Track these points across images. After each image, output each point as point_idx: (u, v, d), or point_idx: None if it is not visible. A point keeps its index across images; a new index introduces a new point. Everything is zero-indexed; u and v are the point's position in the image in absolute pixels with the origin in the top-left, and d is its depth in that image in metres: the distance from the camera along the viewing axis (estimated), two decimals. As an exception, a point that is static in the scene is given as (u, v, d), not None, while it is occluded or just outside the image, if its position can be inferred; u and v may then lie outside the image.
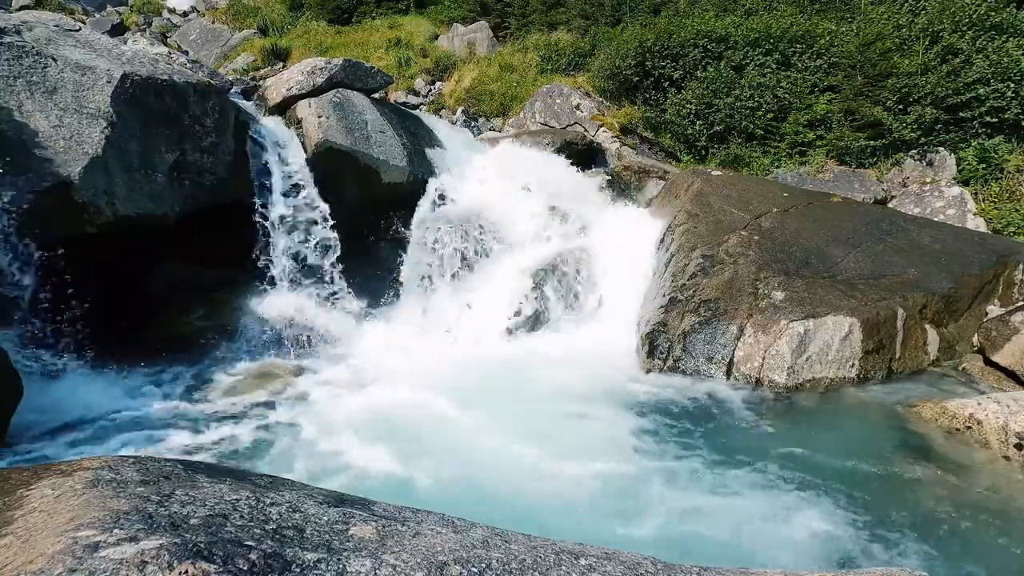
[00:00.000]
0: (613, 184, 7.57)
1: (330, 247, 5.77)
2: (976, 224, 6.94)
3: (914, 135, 7.58)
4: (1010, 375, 4.97)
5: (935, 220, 6.83)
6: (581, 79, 9.83)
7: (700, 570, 1.80)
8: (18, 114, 4.20)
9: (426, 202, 6.61)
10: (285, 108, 6.13)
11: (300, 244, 5.69)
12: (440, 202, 6.69)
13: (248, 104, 6.16)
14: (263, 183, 5.57)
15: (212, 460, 3.70)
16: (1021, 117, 7.48)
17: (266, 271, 5.59)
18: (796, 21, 8.84)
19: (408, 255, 6.27)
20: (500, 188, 6.95)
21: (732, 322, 5.09)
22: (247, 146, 5.57)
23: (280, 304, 5.56)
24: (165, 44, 12.46)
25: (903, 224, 6.22)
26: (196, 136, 5.14)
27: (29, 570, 1.29)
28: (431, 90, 11.23)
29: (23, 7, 12.41)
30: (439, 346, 5.69)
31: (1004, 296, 5.67)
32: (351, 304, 5.91)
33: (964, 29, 8.01)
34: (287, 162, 5.70)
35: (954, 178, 7.54)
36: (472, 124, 9.45)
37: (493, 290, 6.07)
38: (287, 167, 5.68)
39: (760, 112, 8.13)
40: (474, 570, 1.54)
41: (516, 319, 5.95)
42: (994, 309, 5.59)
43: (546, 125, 9.02)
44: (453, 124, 8.70)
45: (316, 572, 1.42)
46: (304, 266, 5.71)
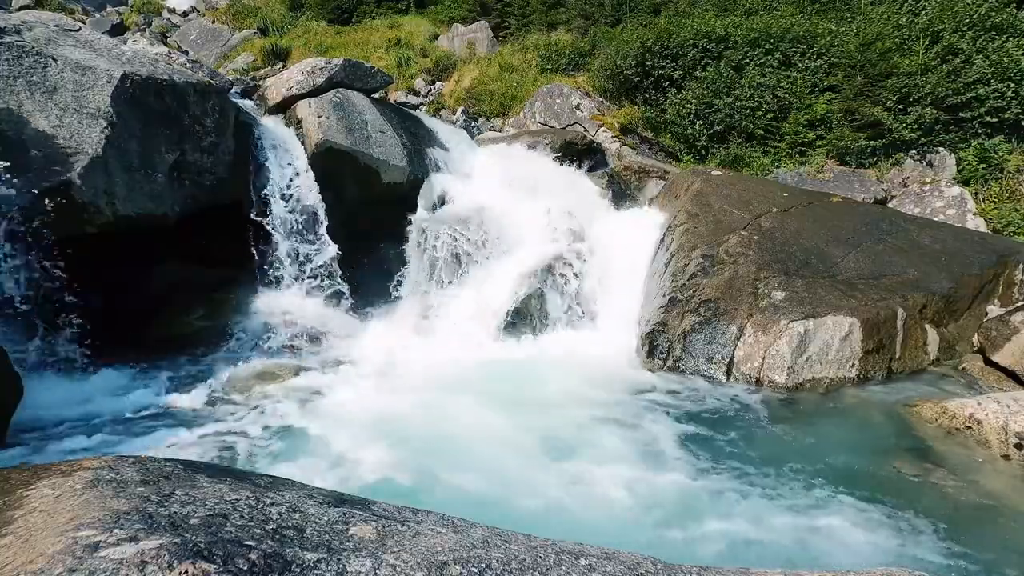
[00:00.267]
0: (613, 184, 7.57)
1: (330, 247, 5.77)
2: (976, 224, 6.94)
3: (914, 135, 7.58)
4: (1010, 375, 4.97)
5: (935, 220, 6.83)
6: (581, 79, 9.83)
7: (700, 570, 1.80)
8: (18, 114, 4.20)
9: (426, 202, 6.62)
10: (285, 108, 6.13)
11: (300, 244, 5.69)
12: (440, 202, 6.70)
13: (248, 104, 6.17)
14: (263, 183, 5.57)
15: (212, 460, 3.70)
16: (1021, 117, 7.48)
17: (266, 271, 5.59)
18: (796, 21, 8.84)
19: (408, 255, 6.27)
20: (500, 188, 6.96)
21: (732, 322, 5.09)
22: (247, 146, 5.57)
23: (280, 304, 5.56)
24: (165, 44, 12.46)
25: (903, 224, 6.22)
26: (196, 136, 5.14)
27: (29, 570, 1.29)
28: (431, 90, 11.23)
29: (23, 7, 12.41)
30: (438, 346, 5.68)
31: (1004, 296, 5.67)
32: (351, 304, 5.91)
33: (964, 29, 8.01)
34: (287, 162, 5.70)
35: (954, 178, 7.54)
36: (472, 124, 9.44)
37: (493, 290, 6.07)
38: (287, 167, 5.69)
39: (760, 112, 8.13)
40: (474, 570, 1.54)
41: (516, 319, 5.95)
42: (994, 309, 5.59)
43: (546, 125, 9.02)
44: (453, 124, 8.70)
45: (316, 572, 1.42)
46: (304, 266, 5.71)
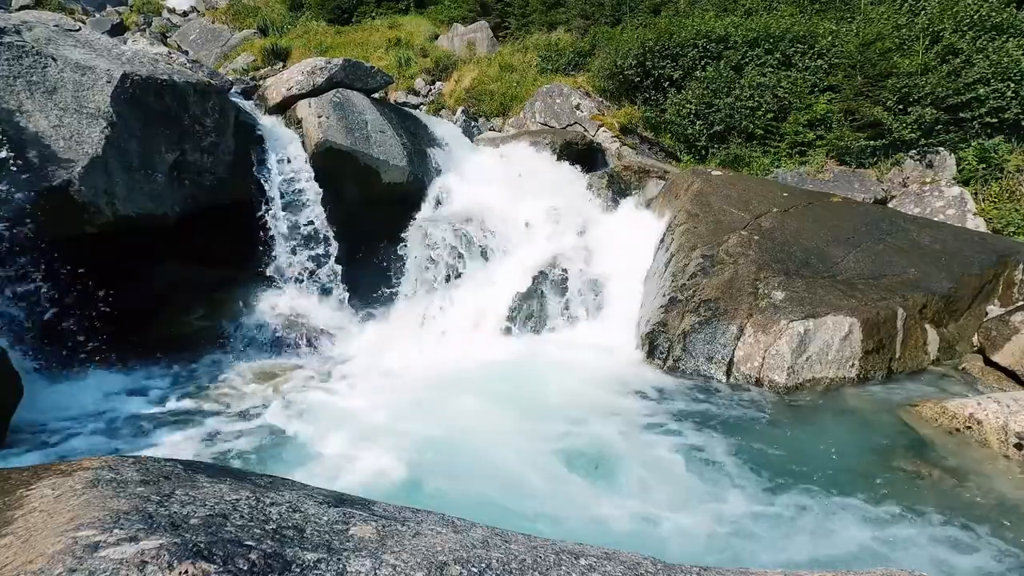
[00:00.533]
0: (613, 184, 7.57)
1: (330, 247, 5.77)
2: (976, 224, 6.93)
3: (914, 135, 7.58)
4: (1010, 375, 4.97)
5: (935, 220, 6.83)
6: (581, 79, 9.83)
7: (700, 570, 1.80)
8: (18, 114, 4.20)
9: (426, 202, 6.63)
10: (285, 108, 6.13)
11: (300, 244, 5.69)
12: (440, 202, 6.70)
13: (248, 104, 6.16)
14: (263, 183, 5.57)
15: (212, 460, 3.70)
16: (1021, 117, 7.48)
17: (266, 271, 5.60)
18: (796, 21, 8.84)
19: (408, 255, 6.27)
20: (500, 188, 6.96)
21: (732, 322, 5.09)
22: (247, 146, 5.57)
23: (280, 304, 5.56)
24: (165, 44, 12.46)
25: (903, 224, 6.22)
26: (196, 136, 5.14)
27: (29, 570, 1.29)
28: (431, 90, 11.23)
29: (23, 7, 12.41)
30: (438, 346, 5.69)
31: (1004, 296, 5.67)
32: (350, 304, 5.91)
33: (964, 29, 8.01)
34: (287, 162, 5.70)
35: (954, 178, 7.54)
36: (472, 124, 9.44)
37: (493, 290, 6.07)
38: (287, 167, 5.69)
39: (760, 112, 8.13)
40: (474, 570, 1.54)
41: (516, 319, 5.95)
42: (994, 309, 5.59)
43: (546, 125, 9.02)
44: (453, 124, 8.70)
45: (316, 572, 1.42)
46: (304, 266, 5.71)
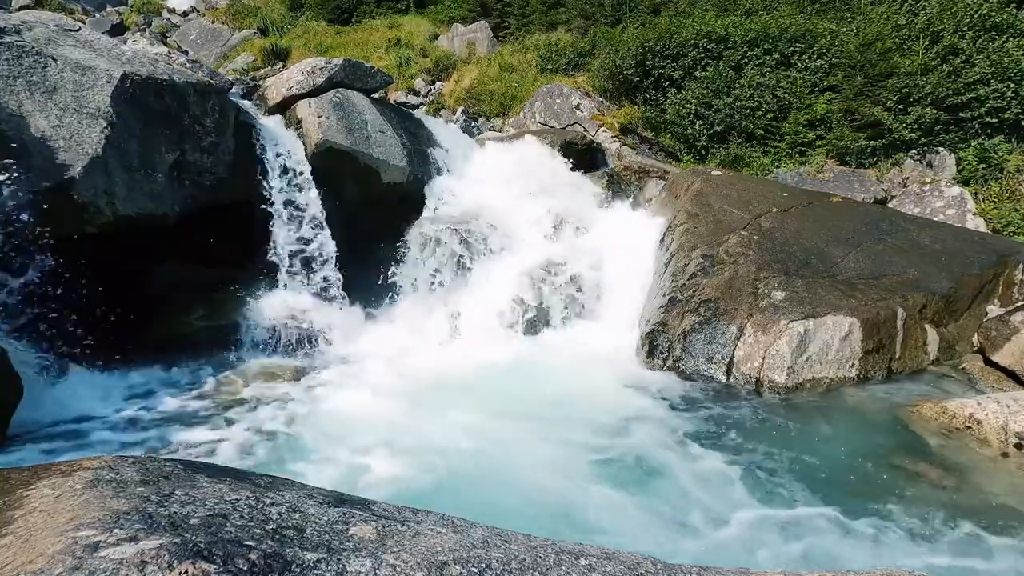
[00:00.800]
0: (613, 184, 7.57)
1: (330, 247, 5.77)
2: (976, 224, 6.93)
3: (914, 135, 7.58)
4: (1010, 375, 4.97)
5: (935, 220, 6.83)
6: (581, 79, 9.83)
7: (700, 570, 1.80)
8: (18, 114, 4.20)
9: (426, 202, 6.62)
10: (285, 108, 6.13)
11: (300, 244, 5.69)
12: (440, 202, 6.70)
13: (248, 104, 6.16)
14: (263, 183, 5.57)
15: (212, 460, 3.70)
16: (1021, 117, 7.48)
17: (266, 271, 5.59)
18: (795, 21, 8.84)
19: (408, 255, 6.27)
20: (500, 188, 6.96)
21: (732, 322, 5.09)
22: (247, 146, 5.57)
23: (280, 304, 5.56)
24: (165, 44, 12.47)
25: (903, 224, 6.22)
26: (196, 136, 5.14)
27: (29, 570, 1.29)
28: (431, 90, 11.24)
29: (23, 7, 12.42)
30: (438, 347, 5.69)
31: (1004, 296, 5.67)
32: (351, 304, 5.90)
33: (964, 29, 8.01)
34: (287, 162, 5.70)
35: (954, 178, 7.54)
36: (472, 124, 9.45)
37: (493, 291, 6.07)
38: (287, 167, 5.69)
39: (760, 112, 8.13)
40: (474, 570, 1.54)
41: (516, 320, 5.95)
42: (994, 309, 5.59)
43: (546, 125, 9.02)
44: (453, 124, 8.70)
45: (316, 572, 1.42)
46: (304, 266, 5.71)
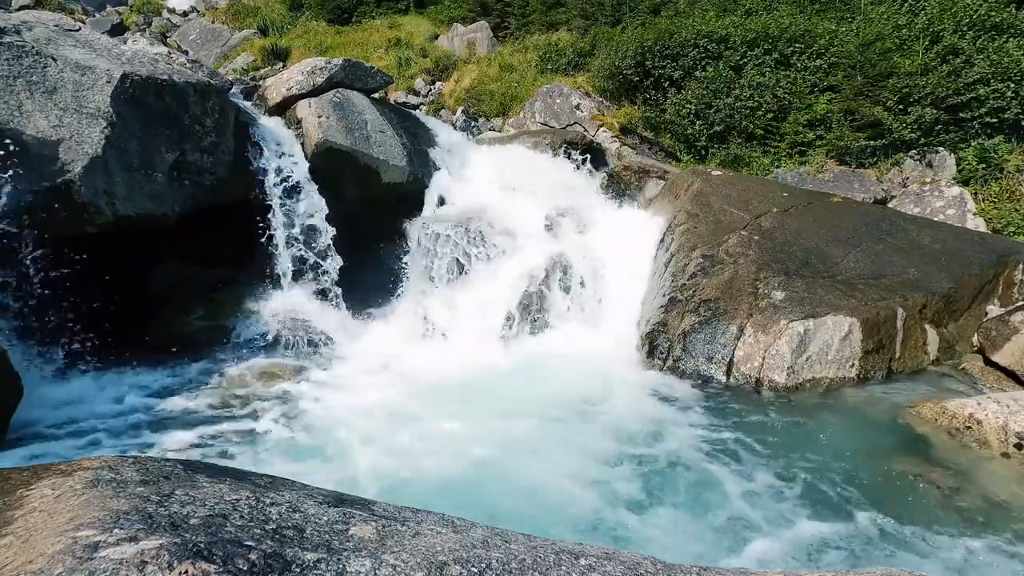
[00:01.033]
0: (613, 184, 7.57)
1: (330, 247, 5.77)
2: (976, 224, 6.93)
3: (914, 135, 7.58)
4: (1010, 375, 4.97)
5: (935, 220, 6.83)
6: (581, 79, 9.83)
7: (700, 570, 1.80)
8: (18, 114, 4.20)
9: (426, 202, 6.62)
10: (285, 108, 6.13)
11: (300, 244, 5.69)
12: (440, 202, 6.70)
13: (248, 104, 6.16)
14: (263, 183, 5.57)
15: (212, 460, 3.70)
16: (1021, 117, 7.48)
17: (266, 271, 5.59)
18: (795, 21, 8.84)
19: (408, 256, 6.27)
20: (500, 188, 6.95)
21: (732, 322, 5.09)
22: (247, 146, 5.57)
23: (280, 304, 5.56)
24: (165, 44, 12.47)
25: (903, 224, 6.22)
26: (196, 136, 5.14)
27: (29, 570, 1.29)
28: (431, 90, 11.23)
29: (23, 7, 12.42)
30: (439, 347, 5.69)
31: (1004, 296, 5.67)
32: (351, 304, 5.90)
33: (964, 29, 8.01)
34: (287, 162, 5.70)
35: (954, 178, 7.54)
36: (472, 124, 9.44)
37: (493, 291, 6.06)
38: (287, 167, 5.68)
39: (760, 112, 8.12)
40: (474, 570, 1.54)
41: (516, 320, 5.95)
42: (994, 309, 5.59)
43: (546, 125, 9.02)
44: (453, 124, 8.70)
45: (316, 572, 1.42)
46: (304, 266, 5.71)
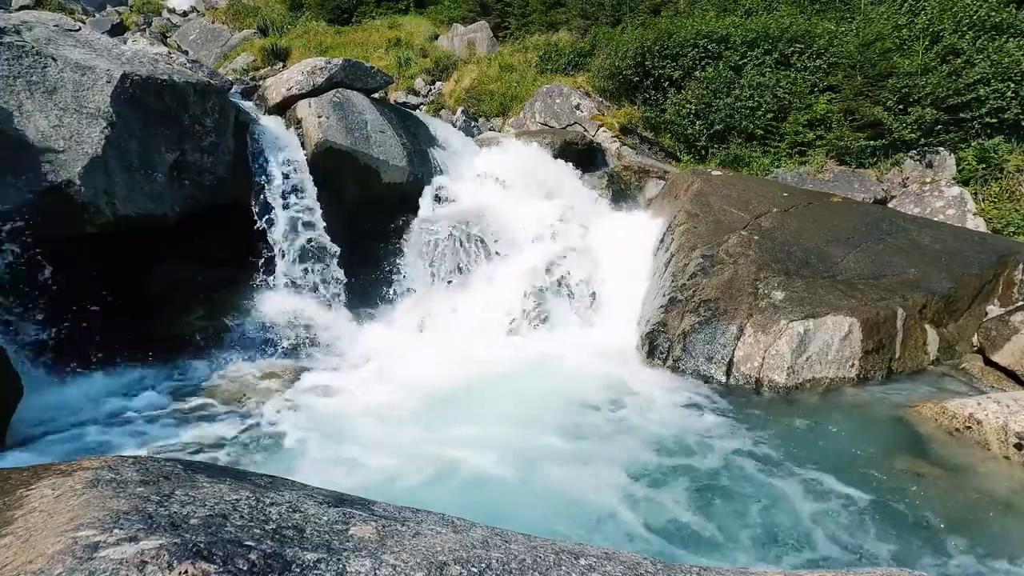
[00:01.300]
0: (613, 184, 7.57)
1: (330, 247, 5.77)
2: (976, 224, 6.94)
3: (914, 135, 7.58)
4: (1010, 375, 4.97)
5: (935, 220, 6.83)
6: (581, 79, 9.83)
7: (700, 570, 1.80)
8: (18, 114, 4.20)
9: (426, 202, 6.62)
10: (285, 108, 6.13)
11: (300, 244, 5.69)
12: (440, 202, 6.70)
13: (248, 104, 6.16)
14: (263, 183, 5.57)
15: (212, 460, 3.70)
16: (1021, 117, 7.48)
17: (266, 272, 5.59)
18: (795, 21, 8.84)
19: (408, 256, 6.27)
20: (500, 188, 6.96)
21: (732, 322, 5.09)
22: (247, 146, 5.57)
23: (280, 305, 5.55)
24: (165, 44, 12.47)
25: (903, 224, 6.22)
26: (196, 136, 5.14)
27: (29, 570, 1.29)
28: (431, 90, 11.24)
29: (23, 7, 12.42)
30: (439, 347, 5.68)
31: (1004, 296, 5.67)
32: (351, 305, 5.90)
33: (964, 29, 8.01)
34: (287, 162, 5.69)
35: (954, 178, 7.54)
36: (472, 124, 9.44)
37: (493, 291, 6.07)
38: (287, 167, 5.68)
39: (760, 112, 8.13)
40: (474, 570, 1.54)
41: (516, 320, 5.95)
42: (994, 309, 5.59)
43: (546, 125, 9.02)
44: (453, 124, 8.70)
45: (316, 572, 1.42)
46: (304, 267, 5.71)
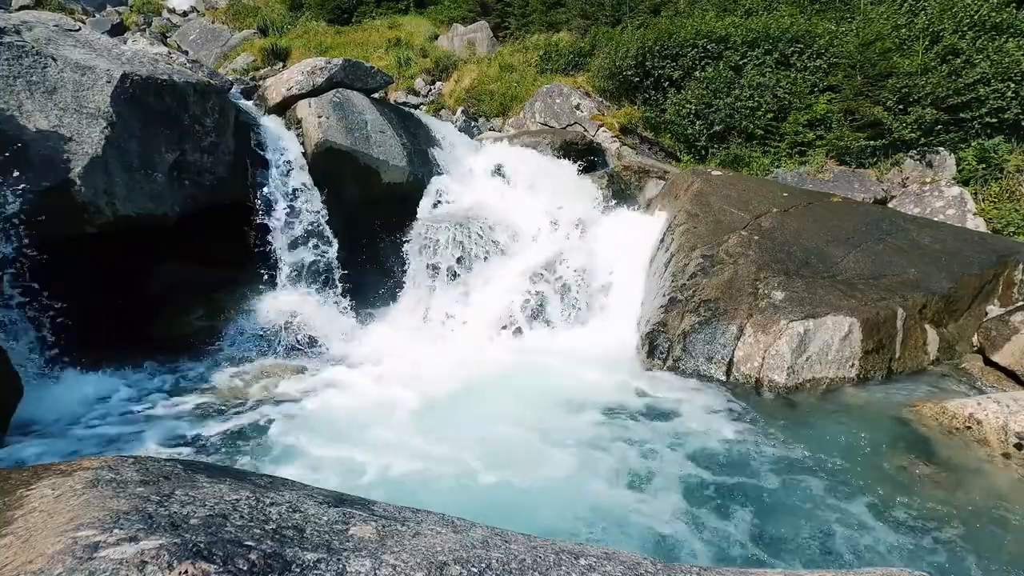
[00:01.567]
0: (613, 184, 7.57)
1: (330, 247, 5.77)
2: (976, 224, 6.94)
3: (914, 135, 7.58)
4: (1010, 375, 4.97)
5: (935, 220, 6.83)
6: (581, 79, 9.83)
7: (700, 570, 1.80)
8: (18, 114, 4.20)
9: (426, 202, 6.62)
10: (285, 108, 6.13)
11: (300, 244, 5.69)
12: (440, 202, 6.70)
13: (248, 104, 6.16)
14: (263, 183, 5.57)
15: (212, 460, 3.70)
16: (1021, 117, 7.48)
17: (266, 271, 5.59)
18: (795, 21, 8.84)
19: (408, 255, 6.27)
20: (500, 188, 6.96)
21: (732, 322, 5.09)
22: (247, 146, 5.57)
23: (280, 304, 5.56)
24: (165, 44, 12.48)
25: (903, 224, 6.22)
26: (196, 136, 5.14)
27: (29, 570, 1.29)
28: (431, 90, 11.24)
29: (23, 7, 12.42)
30: (439, 347, 5.68)
31: (1004, 296, 5.67)
32: (351, 304, 5.90)
33: (964, 29, 8.01)
34: (287, 162, 5.70)
35: (954, 178, 7.54)
36: (472, 124, 9.44)
37: (493, 291, 6.07)
38: (287, 167, 5.68)
39: (760, 112, 8.13)
40: (474, 570, 1.54)
41: (516, 320, 5.95)
42: (994, 309, 5.59)
43: (546, 125, 9.02)
44: (453, 124, 8.70)
45: (316, 572, 1.42)
46: (304, 266, 5.71)
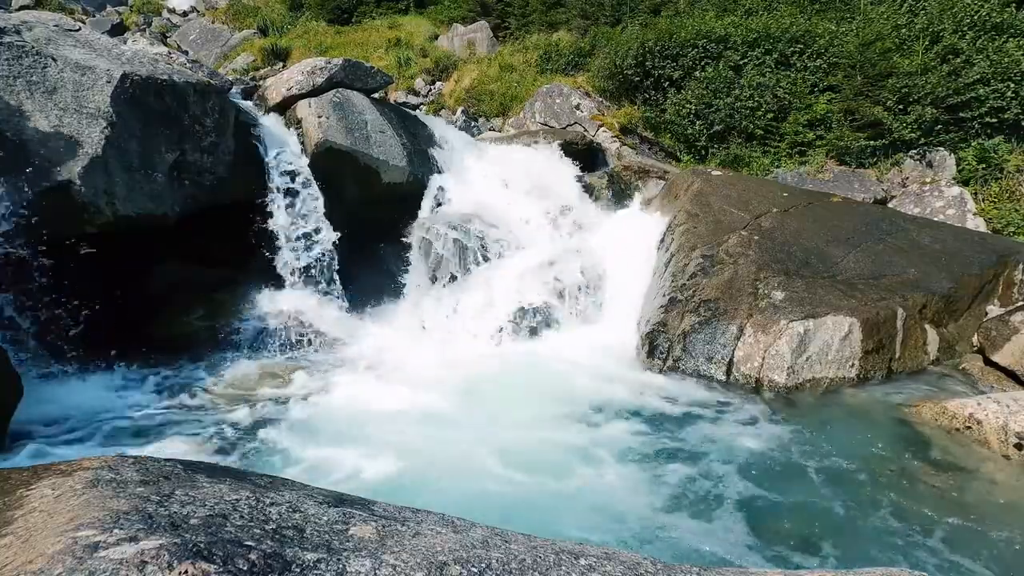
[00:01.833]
0: (613, 184, 7.57)
1: (330, 248, 5.77)
2: (976, 224, 6.94)
3: (914, 135, 7.58)
4: (1010, 375, 4.97)
5: (935, 220, 6.83)
6: (581, 79, 9.83)
7: (700, 570, 1.80)
8: (18, 114, 4.20)
9: (426, 202, 6.62)
10: (285, 108, 6.13)
11: (300, 244, 5.69)
12: (440, 202, 6.70)
13: (248, 104, 6.16)
14: (263, 183, 5.57)
15: (212, 460, 3.70)
16: (1021, 117, 7.48)
17: (266, 271, 5.59)
18: (795, 21, 8.85)
19: (408, 256, 6.27)
20: (500, 188, 6.95)
21: (732, 322, 5.09)
22: (247, 146, 5.57)
23: (280, 304, 5.56)
24: (165, 44, 12.48)
25: (903, 224, 6.22)
26: (196, 136, 5.14)
27: (29, 570, 1.29)
28: (431, 90, 11.24)
29: (23, 7, 12.43)
30: (439, 347, 5.68)
31: (1004, 296, 5.67)
32: (351, 304, 5.90)
33: (964, 29, 8.02)
34: (287, 162, 5.70)
35: (954, 178, 7.54)
36: (472, 124, 9.45)
37: (493, 290, 6.07)
38: (287, 167, 5.69)
39: (760, 112, 8.13)
40: (474, 570, 1.54)
41: (516, 320, 5.95)
42: (994, 309, 5.59)
43: (546, 125, 9.02)
44: (453, 124, 8.70)
45: (316, 572, 1.42)
46: (304, 266, 5.71)
